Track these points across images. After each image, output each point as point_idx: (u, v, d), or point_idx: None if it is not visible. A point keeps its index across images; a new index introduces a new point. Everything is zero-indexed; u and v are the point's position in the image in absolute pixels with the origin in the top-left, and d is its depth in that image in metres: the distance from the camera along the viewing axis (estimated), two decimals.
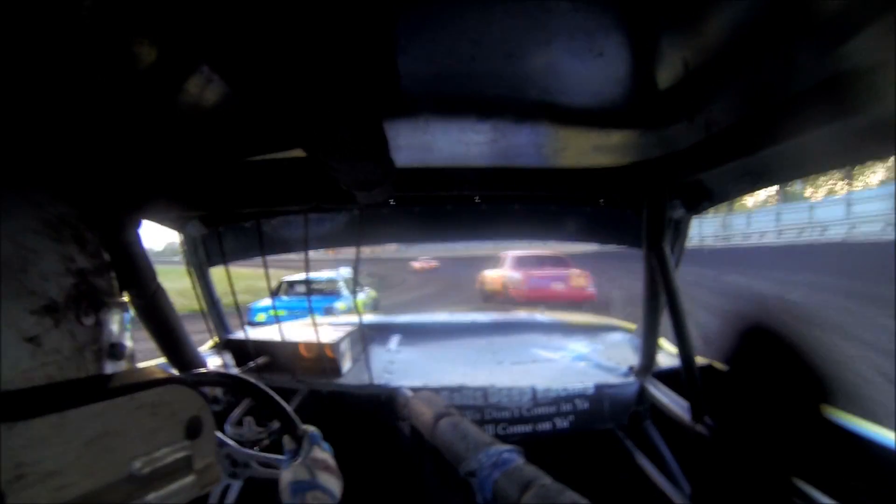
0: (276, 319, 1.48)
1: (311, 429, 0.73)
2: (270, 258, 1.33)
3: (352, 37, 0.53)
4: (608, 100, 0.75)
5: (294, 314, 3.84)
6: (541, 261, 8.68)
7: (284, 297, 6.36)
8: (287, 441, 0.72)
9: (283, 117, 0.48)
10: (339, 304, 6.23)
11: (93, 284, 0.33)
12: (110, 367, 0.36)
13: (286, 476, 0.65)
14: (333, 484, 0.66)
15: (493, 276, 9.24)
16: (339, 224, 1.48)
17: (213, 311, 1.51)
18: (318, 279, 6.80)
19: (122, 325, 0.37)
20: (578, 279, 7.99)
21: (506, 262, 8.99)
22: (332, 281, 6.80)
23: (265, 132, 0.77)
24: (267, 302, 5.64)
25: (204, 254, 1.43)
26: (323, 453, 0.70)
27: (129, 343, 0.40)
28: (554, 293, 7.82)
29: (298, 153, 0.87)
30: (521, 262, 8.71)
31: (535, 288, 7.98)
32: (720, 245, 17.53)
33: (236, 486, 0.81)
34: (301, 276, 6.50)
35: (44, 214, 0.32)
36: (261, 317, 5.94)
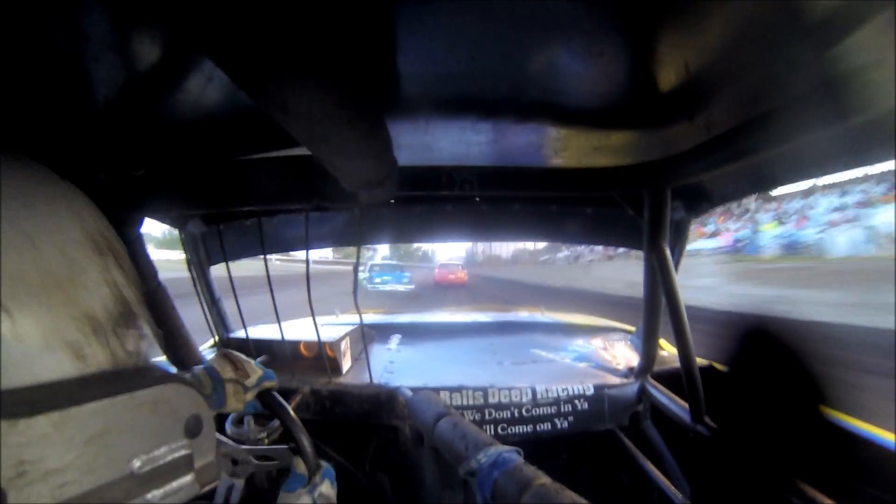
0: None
1: (325, 465, 0.74)
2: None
3: (353, 35, 0.53)
4: (609, 100, 0.75)
5: (390, 278, 14.68)
6: (449, 266, 19.93)
7: (377, 272, 14.06)
8: (298, 463, 0.72)
9: (285, 115, 0.48)
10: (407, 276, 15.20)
11: (124, 296, 0.33)
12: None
13: (289, 499, 0.66)
14: None
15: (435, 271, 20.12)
16: (340, 223, 1.48)
17: (214, 309, 1.51)
18: (397, 263, 16.75)
19: (151, 340, 0.37)
20: (459, 275, 18.46)
21: (438, 266, 20.79)
22: (400, 265, 16.30)
23: (267, 130, 0.77)
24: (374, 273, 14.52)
25: (204, 252, 1.43)
26: (330, 490, 0.70)
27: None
28: (447, 279, 18.07)
29: (300, 151, 0.87)
30: (441, 266, 20.21)
31: (439, 276, 18.52)
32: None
33: (238, 485, 0.81)
34: (381, 261, 17.20)
35: (84, 225, 0.32)
36: (377, 280, 13.99)
